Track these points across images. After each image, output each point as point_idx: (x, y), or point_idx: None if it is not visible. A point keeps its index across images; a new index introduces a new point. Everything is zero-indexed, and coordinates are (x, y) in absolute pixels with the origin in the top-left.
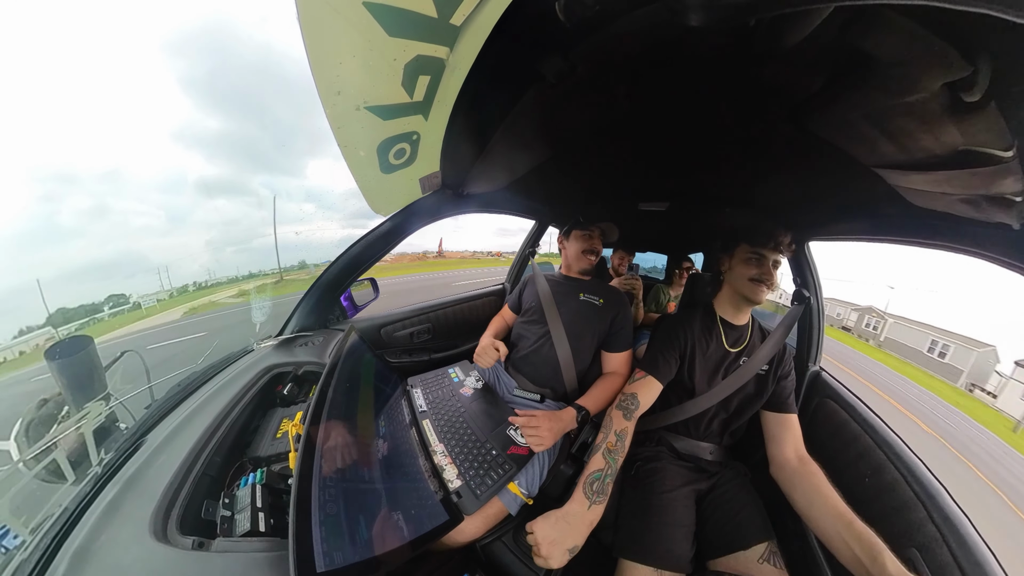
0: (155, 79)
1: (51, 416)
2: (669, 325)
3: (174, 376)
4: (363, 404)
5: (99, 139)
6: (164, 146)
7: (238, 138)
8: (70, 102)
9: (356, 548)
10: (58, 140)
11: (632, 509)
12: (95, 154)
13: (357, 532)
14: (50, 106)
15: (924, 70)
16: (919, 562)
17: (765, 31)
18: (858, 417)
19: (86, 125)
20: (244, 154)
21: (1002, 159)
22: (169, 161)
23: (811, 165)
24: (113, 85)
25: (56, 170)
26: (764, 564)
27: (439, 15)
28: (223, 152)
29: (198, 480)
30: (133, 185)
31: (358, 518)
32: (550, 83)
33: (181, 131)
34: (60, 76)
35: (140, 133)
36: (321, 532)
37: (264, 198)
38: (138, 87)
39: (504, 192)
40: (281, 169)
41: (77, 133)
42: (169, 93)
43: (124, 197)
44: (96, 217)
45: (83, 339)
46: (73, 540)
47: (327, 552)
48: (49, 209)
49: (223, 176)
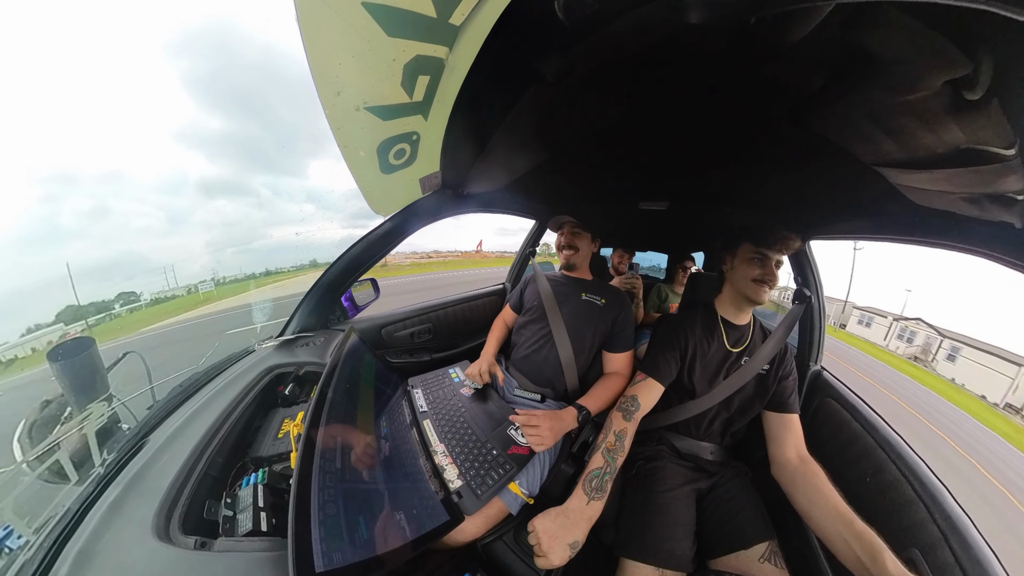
0: (158, 79)
1: (54, 417)
2: (670, 326)
3: (175, 377)
4: (363, 405)
5: (100, 139)
6: (166, 146)
7: (241, 138)
8: (72, 101)
9: (356, 548)
10: (60, 140)
11: (633, 508)
12: (96, 154)
13: (357, 532)
14: (52, 106)
15: (925, 68)
16: (920, 562)
17: (766, 29)
18: (859, 417)
19: (87, 125)
20: (247, 154)
21: (1004, 157)
22: (171, 161)
23: (812, 164)
24: (116, 85)
25: (58, 171)
26: (765, 563)
27: (438, 15)
28: (225, 152)
29: (200, 480)
30: (134, 186)
31: (358, 518)
32: (550, 82)
33: (183, 131)
34: (63, 75)
35: (142, 133)
36: (320, 532)
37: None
38: (141, 87)
39: (504, 192)
40: (283, 169)
41: (78, 133)
42: (172, 93)
43: (124, 198)
44: (96, 218)
45: (85, 340)
46: (76, 540)
47: (326, 552)
48: (48, 210)
49: (224, 176)
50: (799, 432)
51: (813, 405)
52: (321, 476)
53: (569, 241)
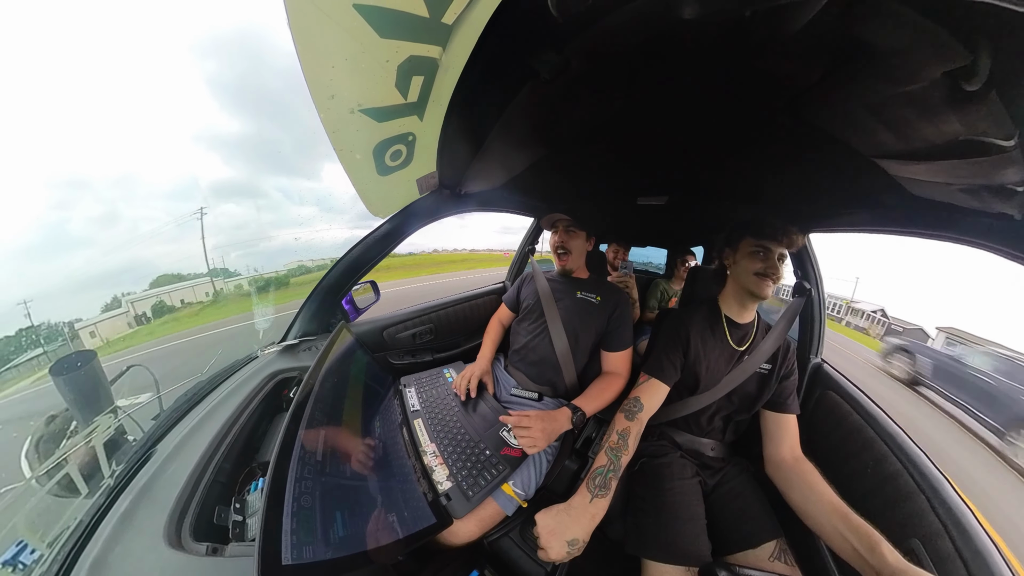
0: (182, 80)
1: (60, 432)
2: (672, 324)
3: (180, 386)
4: (351, 402)
5: (117, 140)
6: (184, 147)
7: (259, 141)
8: (99, 101)
9: (330, 545)
10: (83, 139)
11: (642, 506)
12: (111, 156)
13: (332, 529)
14: (79, 104)
15: (924, 59)
16: (921, 552)
17: (761, 21)
18: (860, 409)
19: (108, 125)
20: (264, 156)
21: (1003, 148)
22: (190, 162)
23: (810, 156)
24: (143, 85)
25: (71, 176)
26: (775, 562)
27: (431, 14)
28: (243, 154)
29: (209, 487)
30: (148, 189)
31: (335, 515)
32: (545, 80)
33: (201, 133)
34: (94, 72)
35: (161, 134)
36: (292, 524)
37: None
38: (166, 87)
39: (502, 190)
40: (300, 172)
41: (99, 133)
42: (196, 94)
43: (136, 203)
44: (113, 221)
45: (87, 354)
46: (90, 552)
47: (295, 545)
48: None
49: (243, 177)
50: (795, 432)
51: (814, 398)
52: (299, 468)
53: (562, 241)
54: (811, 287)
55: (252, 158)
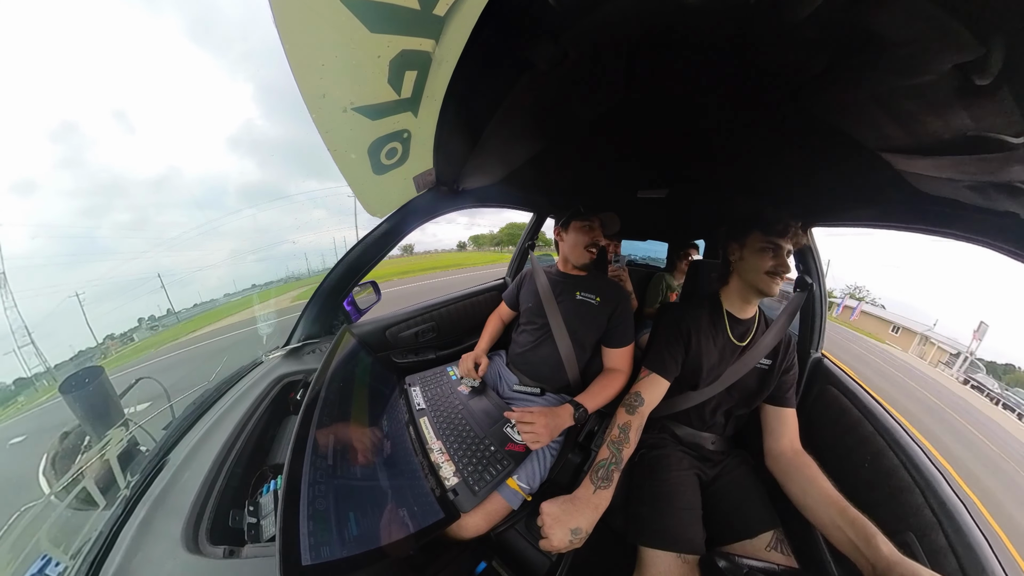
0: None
1: (74, 447)
2: (672, 319)
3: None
4: (357, 403)
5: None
6: (220, 150)
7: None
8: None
9: (345, 544)
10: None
11: (641, 496)
12: (149, 157)
13: (347, 528)
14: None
15: (933, 50)
16: (915, 545)
17: (765, 10)
18: (859, 404)
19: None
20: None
21: (1012, 145)
22: (232, 165)
23: (815, 149)
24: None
25: (103, 181)
26: (772, 552)
27: (422, 6)
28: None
29: (223, 491)
30: (183, 190)
31: (349, 514)
32: (541, 71)
33: (239, 136)
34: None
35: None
36: (309, 527)
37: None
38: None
39: (500, 185)
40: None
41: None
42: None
43: (166, 208)
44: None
45: (95, 370)
46: (111, 561)
47: (314, 546)
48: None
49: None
50: (795, 426)
51: (814, 392)
52: (312, 472)
53: (599, 239)
54: (812, 281)
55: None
